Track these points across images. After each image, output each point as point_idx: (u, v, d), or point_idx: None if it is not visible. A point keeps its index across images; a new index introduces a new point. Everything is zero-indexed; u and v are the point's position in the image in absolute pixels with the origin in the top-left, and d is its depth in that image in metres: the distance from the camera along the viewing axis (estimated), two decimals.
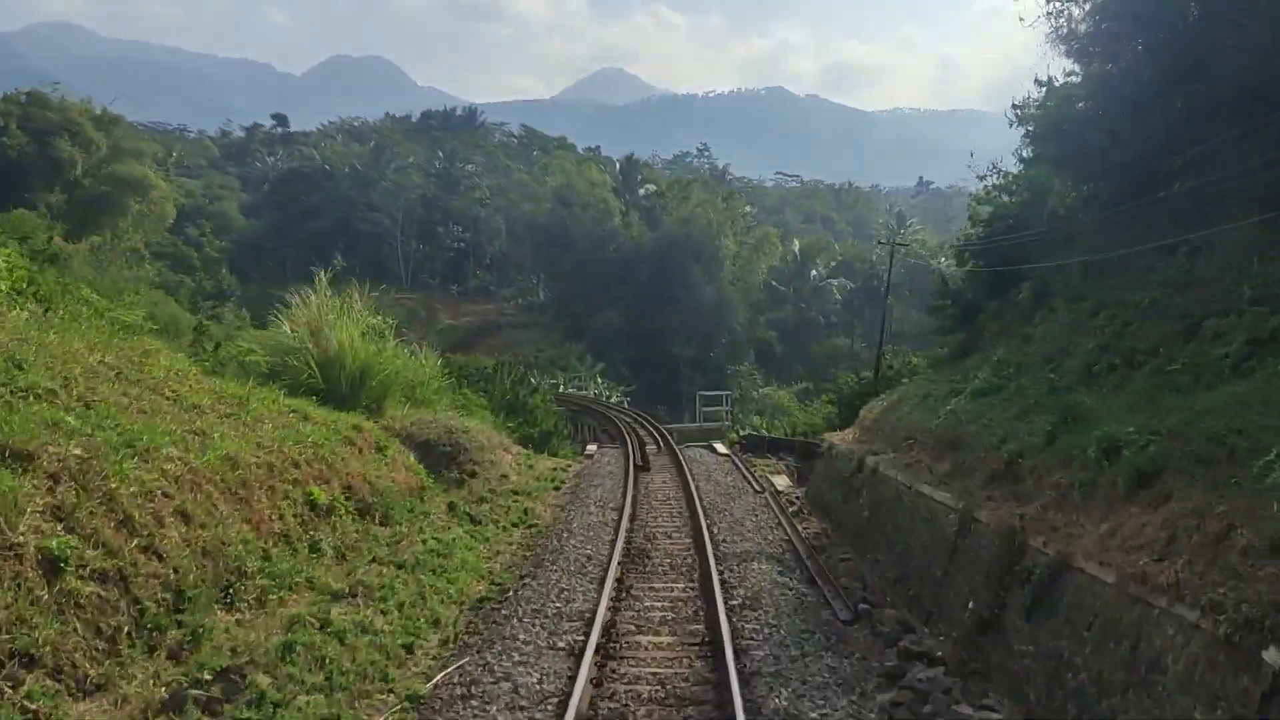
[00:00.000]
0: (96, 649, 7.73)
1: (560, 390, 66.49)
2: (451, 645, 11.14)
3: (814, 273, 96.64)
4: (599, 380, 73.58)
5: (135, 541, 8.79)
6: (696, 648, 11.07)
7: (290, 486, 12.75)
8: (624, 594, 13.29)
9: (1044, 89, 20.64)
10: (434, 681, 9.85)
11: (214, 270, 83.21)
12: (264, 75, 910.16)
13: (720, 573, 14.24)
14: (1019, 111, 21.46)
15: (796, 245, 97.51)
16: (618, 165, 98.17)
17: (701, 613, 12.37)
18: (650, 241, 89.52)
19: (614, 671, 10.27)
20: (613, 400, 67.27)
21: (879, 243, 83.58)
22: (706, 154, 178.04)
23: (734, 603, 13.01)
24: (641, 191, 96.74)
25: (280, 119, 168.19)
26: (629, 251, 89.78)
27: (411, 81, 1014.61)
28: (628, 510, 18.81)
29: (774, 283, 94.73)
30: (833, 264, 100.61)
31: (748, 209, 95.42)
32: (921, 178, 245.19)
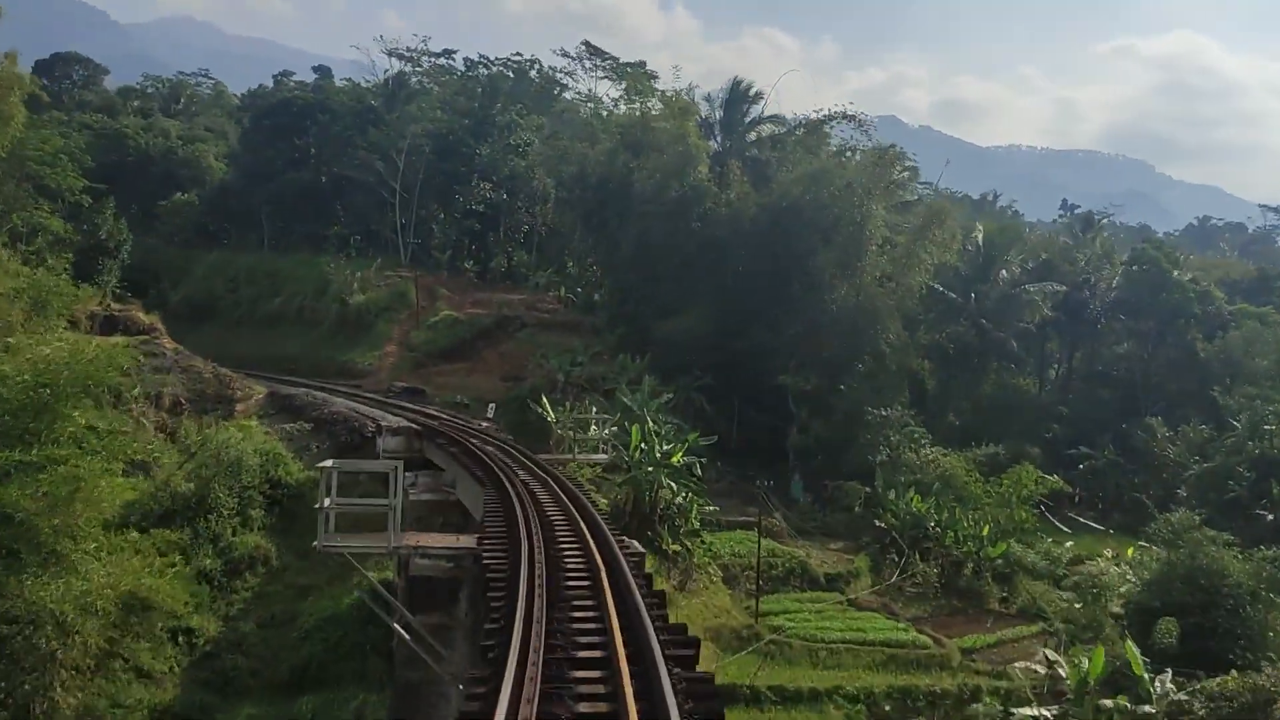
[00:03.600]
0: None
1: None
2: None
3: (1003, 273, 64.96)
4: (659, 421, 43.37)
5: None
6: None
7: None
8: None
9: None
10: None
11: (97, 214, 55.27)
12: None
13: None
14: None
15: (979, 232, 65.85)
16: (718, 98, 67.52)
17: None
18: (757, 210, 59.99)
19: None
20: (676, 459, 37.00)
21: None
22: None
23: None
24: (751, 136, 66.14)
25: (322, 70, 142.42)
26: (722, 224, 60.36)
27: None
28: None
29: (938, 286, 63.32)
30: (1029, 264, 68.68)
31: (904, 169, 63.64)
32: (1065, 200, 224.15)
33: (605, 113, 75.37)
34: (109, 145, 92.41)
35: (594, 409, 45.66)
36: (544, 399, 45.87)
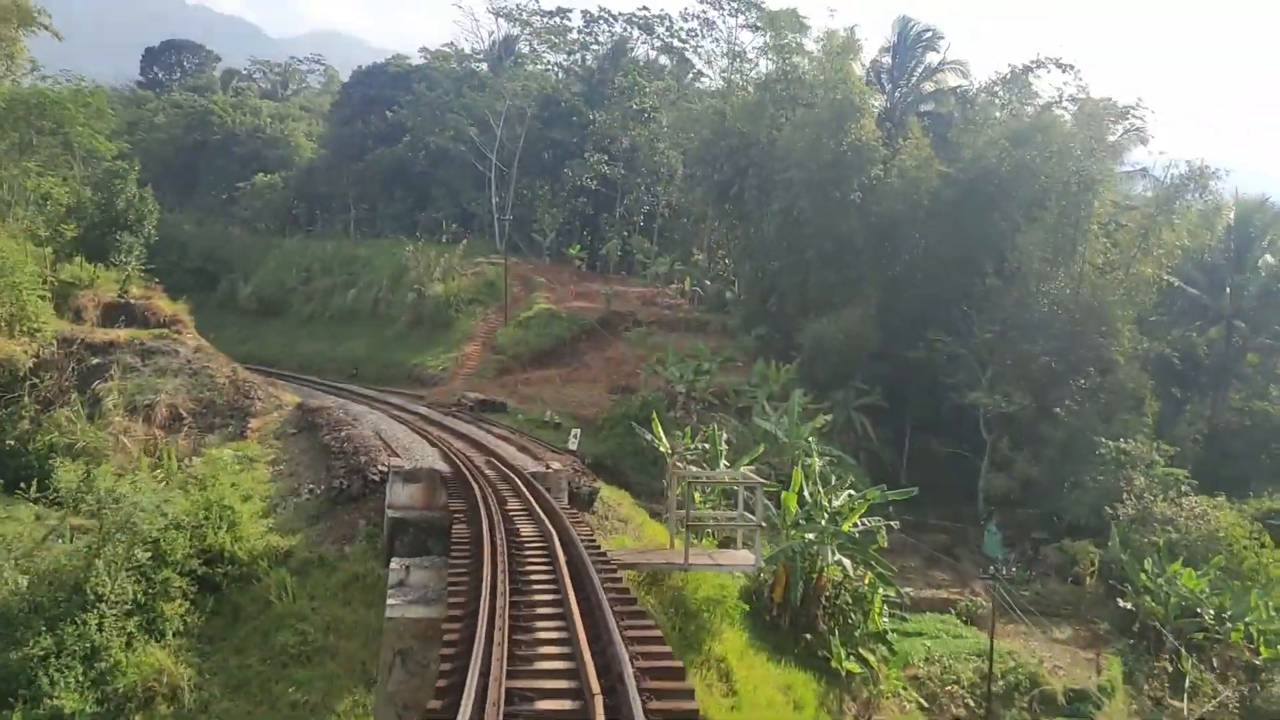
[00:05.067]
0: None
1: None
2: None
3: (1267, 259, 50.15)
4: (815, 452, 31.19)
5: None
6: None
7: None
8: None
9: None
10: None
11: (116, 178, 45.57)
12: None
13: None
14: None
15: (1229, 208, 51.04)
16: (886, 44, 54.10)
17: None
18: (939, 180, 46.66)
19: None
20: (849, 524, 24.54)
21: None
22: None
23: None
24: (929, 86, 52.73)
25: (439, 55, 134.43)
26: (893, 197, 48.00)
27: None
28: None
29: (1172, 279, 48.75)
30: None
31: (1130, 130, 48.89)
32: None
33: (747, 67, 62.64)
34: (194, 124, 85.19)
35: (724, 435, 33.36)
36: (656, 421, 33.82)
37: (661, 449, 32.59)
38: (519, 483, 18.63)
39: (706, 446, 33.23)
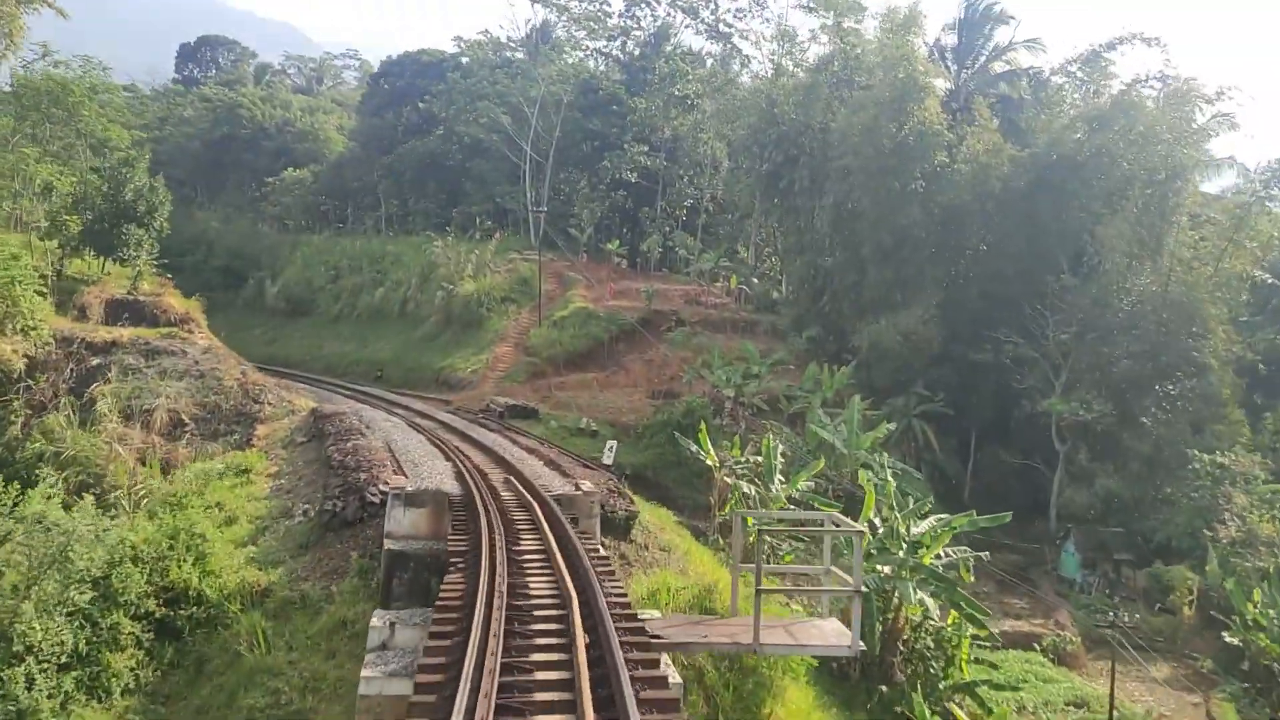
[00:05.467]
0: None
1: None
2: None
3: None
4: (882, 467, 27.73)
5: None
6: None
7: None
8: None
9: None
10: None
11: (124, 167, 42.56)
12: None
13: None
14: None
15: None
16: (951, 23, 50.18)
17: None
18: (1010, 167, 42.85)
19: None
20: (930, 556, 20.68)
21: None
22: None
23: None
24: (998, 66, 48.88)
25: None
26: (958, 186, 44.45)
27: None
28: None
29: (1265, 275, 44.63)
30: None
31: (1217, 115, 44.57)
32: None
33: (798, 50, 58.86)
34: (222, 117, 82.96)
35: (779, 446, 29.77)
36: (703, 430, 30.36)
37: (708, 461, 29.15)
38: (539, 511, 15.23)
39: (758, 459, 29.74)
